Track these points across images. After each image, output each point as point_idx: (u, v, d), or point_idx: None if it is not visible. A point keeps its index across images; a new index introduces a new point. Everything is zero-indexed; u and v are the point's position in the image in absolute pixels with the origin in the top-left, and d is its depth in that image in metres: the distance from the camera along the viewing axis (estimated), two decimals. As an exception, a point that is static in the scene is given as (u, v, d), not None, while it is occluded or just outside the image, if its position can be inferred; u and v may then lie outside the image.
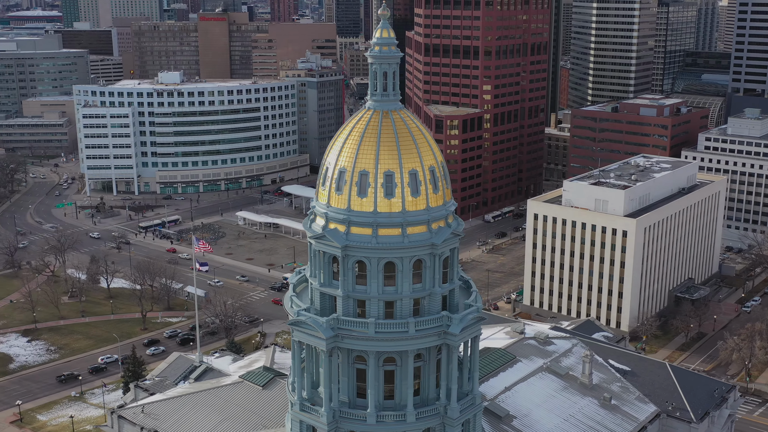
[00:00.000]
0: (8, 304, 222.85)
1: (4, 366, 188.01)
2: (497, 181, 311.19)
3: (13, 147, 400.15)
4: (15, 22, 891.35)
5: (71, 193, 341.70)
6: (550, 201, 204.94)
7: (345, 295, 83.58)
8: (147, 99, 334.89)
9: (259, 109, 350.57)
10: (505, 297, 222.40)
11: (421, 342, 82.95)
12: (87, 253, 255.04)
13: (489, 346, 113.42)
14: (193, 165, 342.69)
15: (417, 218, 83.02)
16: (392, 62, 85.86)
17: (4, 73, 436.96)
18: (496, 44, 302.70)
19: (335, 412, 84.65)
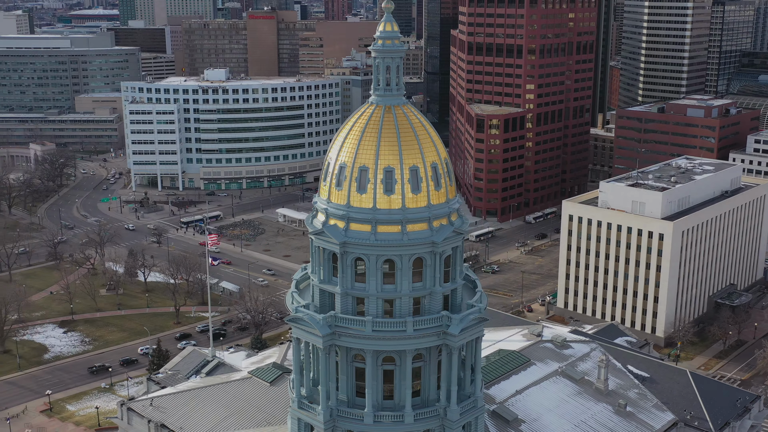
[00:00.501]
0: (48, 295, 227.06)
1: (39, 356, 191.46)
2: (539, 181, 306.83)
3: (65, 142, 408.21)
4: (76, 21, 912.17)
5: (118, 188, 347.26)
6: (586, 202, 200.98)
7: (343, 292, 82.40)
8: (192, 96, 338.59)
9: (303, 107, 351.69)
10: (540, 299, 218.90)
11: (420, 342, 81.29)
12: (127, 247, 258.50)
13: (504, 348, 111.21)
14: (236, 162, 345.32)
15: (417, 215, 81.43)
16: (396, 56, 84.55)
17: (58, 70, 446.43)
18: (540, 43, 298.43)
19: (333, 411, 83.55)
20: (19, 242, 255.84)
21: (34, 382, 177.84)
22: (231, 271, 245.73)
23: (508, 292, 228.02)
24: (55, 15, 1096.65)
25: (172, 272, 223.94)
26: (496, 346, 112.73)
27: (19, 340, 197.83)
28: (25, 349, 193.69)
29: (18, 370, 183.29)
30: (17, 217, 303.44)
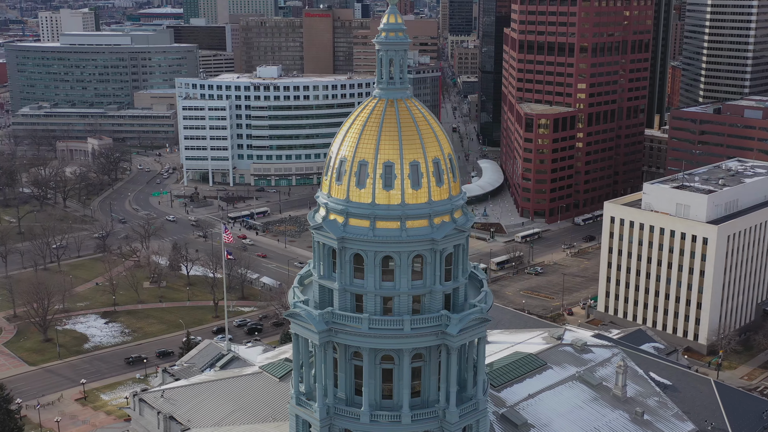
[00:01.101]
0: (93, 286, 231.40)
1: (79, 345, 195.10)
2: (590, 183, 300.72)
3: (123, 137, 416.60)
4: (144, 19, 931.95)
5: (170, 182, 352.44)
6: (628, 204, 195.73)
7: (342, 288, 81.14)
8: (244, 92, 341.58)
9: (353, 104, 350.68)
10: (581, 302, 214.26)
11: (417, 341, 79.51)
12: (172, 240, 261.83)
13: (521, 350, 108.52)
14: (286, 158, 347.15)
15: (417, 212, 79.67)
16: (399, 49, 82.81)
17: (119, 66, 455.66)
18: (593, 41, 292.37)
19: (330, 409, 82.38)
20: (68, 234, 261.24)
21: (72, 371, 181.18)
22: (273, 267, 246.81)
23: (550, 294, 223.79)
24: (126, 14, 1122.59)
25: (212, 266, 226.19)
26: (514, 348, 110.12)
27: (61, 329, 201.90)
28: (66, 339, 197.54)
29: (58, 359, 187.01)
30: (71, 209, 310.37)
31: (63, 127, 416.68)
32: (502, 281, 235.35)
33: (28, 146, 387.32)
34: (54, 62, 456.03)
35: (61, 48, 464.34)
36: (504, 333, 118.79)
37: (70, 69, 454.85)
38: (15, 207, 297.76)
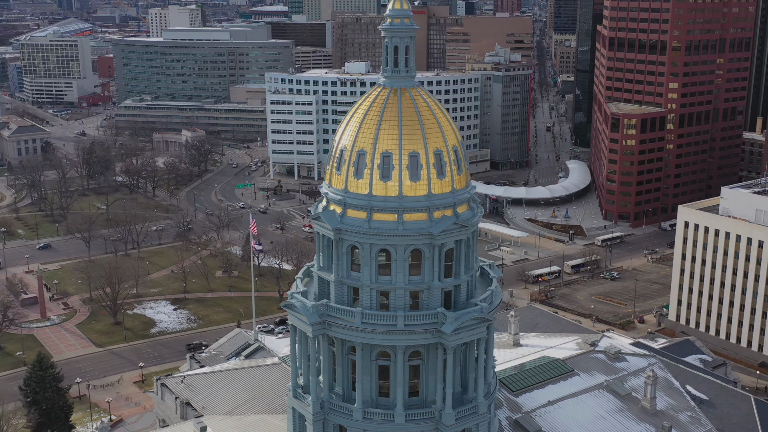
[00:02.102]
0: (169, 273, 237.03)
1: (146, 330, 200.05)
2: (680, 187, 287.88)
3: (218, 130, 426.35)
4: (256, 17, 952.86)
5: (258, 175, 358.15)
6: (705, 209, 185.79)
7: (338, 280, 79.38)
8: (331, 88, 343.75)
9: (440, 102, 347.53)
10: (654, 310, 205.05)
11: (411, 338, 76.97)
12: (245, 232, 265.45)
13: (549, 355, 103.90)
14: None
15: (415, 204, 77.09)
16: (404, 36, 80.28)
17: (217, 61, 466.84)
18: (687, 39, 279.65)
19: (324, 403, 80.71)
20: (151, 222, 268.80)
21: (135, 354, 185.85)
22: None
23: (624, 300, 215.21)
24: (239, 11, 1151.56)
25: (278, 258, 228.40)
26: (543, 352, 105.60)
27: (131, 313, 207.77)
28: (135, 323, 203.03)
29: (123, 342, 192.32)
30: (159, 198, 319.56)
31: (162, 119, 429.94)
32: (574, 285, 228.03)
33: (128, 137, 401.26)
34: (156, 56, 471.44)
35: (163, 43, 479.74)
36: (538, 336, 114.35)
37: (171, 63, 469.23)
38: (107, 194, 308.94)
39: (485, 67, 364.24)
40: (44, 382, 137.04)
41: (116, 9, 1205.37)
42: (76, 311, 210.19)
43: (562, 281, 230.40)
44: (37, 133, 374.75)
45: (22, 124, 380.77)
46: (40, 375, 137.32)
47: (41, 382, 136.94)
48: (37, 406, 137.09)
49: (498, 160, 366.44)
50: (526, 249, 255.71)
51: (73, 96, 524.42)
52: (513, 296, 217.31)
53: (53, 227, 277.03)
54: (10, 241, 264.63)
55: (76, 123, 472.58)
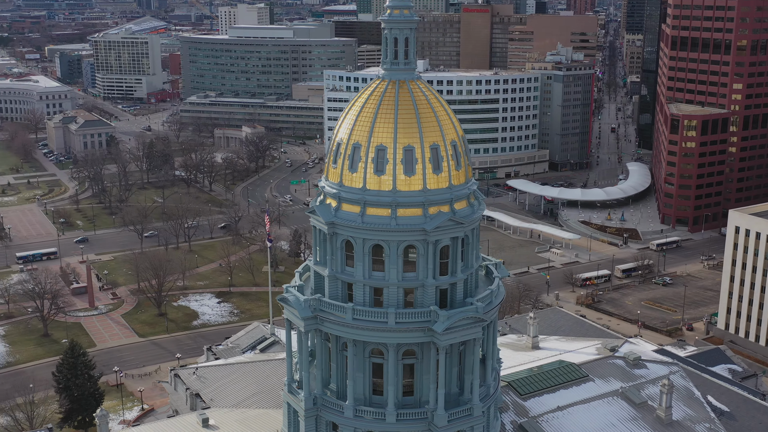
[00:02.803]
0: (216, 267, 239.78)
1: (188, 321, 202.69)
2: (743, 191, 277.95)
3: (279, 127, 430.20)
4: (327, 16, 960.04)
5: (314, 172, 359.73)
6: (758, 214, 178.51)
7: (331, 275, 78.27)
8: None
9: (497, 101, 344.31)
10: (705, 318, 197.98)
11: (402, 336, 75.31)
12: (297, 227, 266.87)
13: (565, 359, 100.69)
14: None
15: (409, 199, 75.36)
16: (404, 27, 78.82)
17: (280, 59, 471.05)
18: (753, 38, 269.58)
19: (317, 399, 79.68)
20: (204, 216, 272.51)
21: (176, 345, 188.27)
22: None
23: (674, 307, 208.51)
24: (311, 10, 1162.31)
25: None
26: (560, 356, 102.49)
27: (176, 305, 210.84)
28: (178, 314, 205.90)
29: (165, 333, 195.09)
30: (215, 193, 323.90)
31: (225, 115, 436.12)
32: (624, 290, 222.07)
33: (191, 132, 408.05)
34: (222, 54, 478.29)
35: (228, 40, 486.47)
36: (559, 340, 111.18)
37: (235, 60, 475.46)
38: (165, 188, 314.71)
39: (546, 67, 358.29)
40: (76, 369, 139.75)
41: (192, 8, 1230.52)
42: (123, 301, 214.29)
43: (612, 285, 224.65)
44: (102, 127, 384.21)
45: (89, 119, 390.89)
46: (72, 362, 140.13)
47: (73, 369, 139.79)
48: (68, 392, 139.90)
49: (557, 161, 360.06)
50: (577, 251, 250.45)
51: (143, 92, 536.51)
52: (559, 299, 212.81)
53: (110, 219, 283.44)
54: (68, 232, 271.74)
55: (143, 118, 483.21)
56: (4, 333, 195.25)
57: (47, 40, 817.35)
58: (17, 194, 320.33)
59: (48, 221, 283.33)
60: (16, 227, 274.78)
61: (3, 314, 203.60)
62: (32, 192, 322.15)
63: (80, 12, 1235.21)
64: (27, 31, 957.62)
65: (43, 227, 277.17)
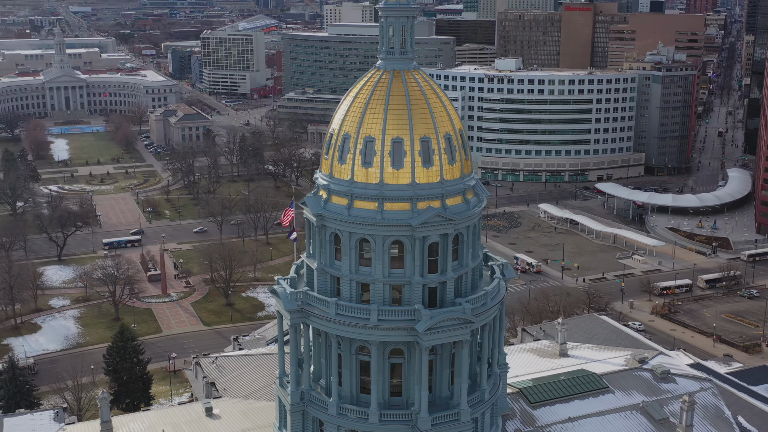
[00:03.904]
0: (290, 260, 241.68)
1: (254, 312, 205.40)
2: None
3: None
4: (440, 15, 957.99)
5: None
6: None
7: (320, 268, 76.76)
8: (478, 84, 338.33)
9: (591, 101, 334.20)
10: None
11: (385, 334, 73.03)
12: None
13: (588, 369, 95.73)
14: (515, 153, 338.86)
15: (396, 193, 72.98)
16: (400, 15, 76.41)
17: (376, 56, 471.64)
18: None
19: (305, 395, 78.32)
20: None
21: (238, 333, 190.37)
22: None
23: (756, 321, 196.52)
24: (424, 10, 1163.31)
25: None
26: (583, 365, 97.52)
27: (244, 296, 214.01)
28: (245, 305, 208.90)
29: (230, 322, 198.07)
30: (301, 188, 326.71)
31: (320, 112, 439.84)
32: (705, 301, 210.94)
33: (287, 128, 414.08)
34: (321, 51, 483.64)
35: (327, 38, 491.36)
36: (590, 348, 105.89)
37: (334, 57, 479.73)
38: (252, 181, 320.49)
39: (644, 66, 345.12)
40: (124, 353, 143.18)
41: (307, 7, 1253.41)
42: (195, 290, 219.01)
43: (692, 296, 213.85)
44: (200, 120, 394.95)
45: (188, 112, 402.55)
46: (121, 346, 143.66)
47: (121, 353, 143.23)
48: (117, 375, 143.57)
49: (654, 165, 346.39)
50: (660, 259, 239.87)
51: (246, 88, 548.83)
52: (633, 308, 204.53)
53: (196, 210, 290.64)
54: (155, 220, 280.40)
55: (243, 113, 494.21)
56: (79, 315, 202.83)
57: (165, 37, 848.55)
58: (114, 183, 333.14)
59: (138, 210, 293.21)
60: (108, 214, 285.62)
61: (81, 297, 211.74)
62: (128, 181, 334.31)
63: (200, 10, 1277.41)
64: (148, 28, 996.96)
65: (133, 215, 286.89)
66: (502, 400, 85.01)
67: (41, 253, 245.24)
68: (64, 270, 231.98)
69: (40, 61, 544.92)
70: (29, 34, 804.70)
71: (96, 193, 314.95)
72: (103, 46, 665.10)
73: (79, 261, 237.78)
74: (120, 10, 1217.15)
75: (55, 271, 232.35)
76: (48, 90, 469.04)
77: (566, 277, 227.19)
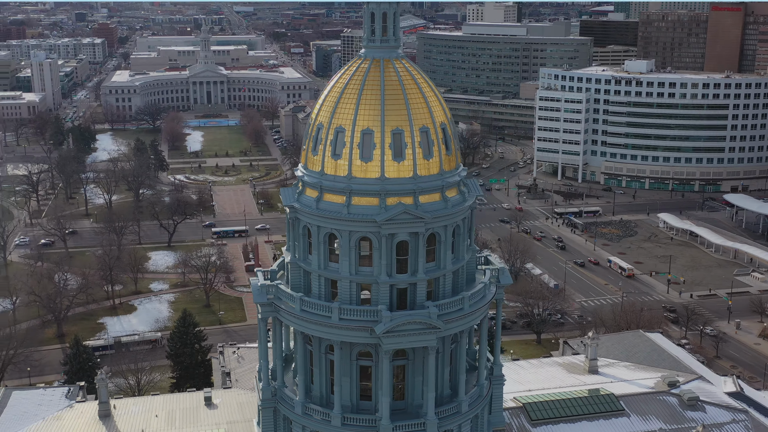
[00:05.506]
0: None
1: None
2: None
3: (501, 125, 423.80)
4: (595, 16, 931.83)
5: (522, 172, 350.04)
6: None
7: (293, 262, 74.65)
8: (604, 86, 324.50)
9: (728, 107, 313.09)
10: None
11: (346, 334, 69.94)
12: (493, 230, 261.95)
13: (610, 388, 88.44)
14: (641, 159, 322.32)
15: (364, 187, 69.66)
16: (382, 1, 72.17)
17: (511, 57, 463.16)
18: None
19: (277, 391, 76.31)
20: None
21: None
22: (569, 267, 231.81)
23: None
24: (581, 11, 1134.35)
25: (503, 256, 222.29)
26: (605, 385, 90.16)
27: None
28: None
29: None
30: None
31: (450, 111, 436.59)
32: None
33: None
34: (454, 50, 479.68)
35: (461, 37, 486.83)
36: (625, 367, 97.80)
37: (467, 57, 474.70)
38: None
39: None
40: (186, 339, 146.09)
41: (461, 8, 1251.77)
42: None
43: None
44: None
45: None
46: (183, 331, 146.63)
47: (183, 339, 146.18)
48: (178, 360, 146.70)
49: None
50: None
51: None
52: (740, 329, 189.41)
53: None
54: (266, 213, 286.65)
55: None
56: (173, 299, 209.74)
57: (317, 36, 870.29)
58: (237, 175, 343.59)
59: (253, 201, 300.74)
60: (222, 205, 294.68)
61: (179, 282, 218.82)
62: (251, 174, 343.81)
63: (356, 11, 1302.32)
64: (302, 27, 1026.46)
65: (247, 207, 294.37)
66: (498, 414, 79.82)
67: (154, 239, 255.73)
68: (170, 256, 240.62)
69: (191, 57, 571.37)
70: (189, 32, 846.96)
71: (218, 183, 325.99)
72: (253, 44, 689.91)
73: (187, 248, 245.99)
74: (279, 9, 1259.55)
75: (162, 256, 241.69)
76: (191, 84, 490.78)
77: (672, 291, 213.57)
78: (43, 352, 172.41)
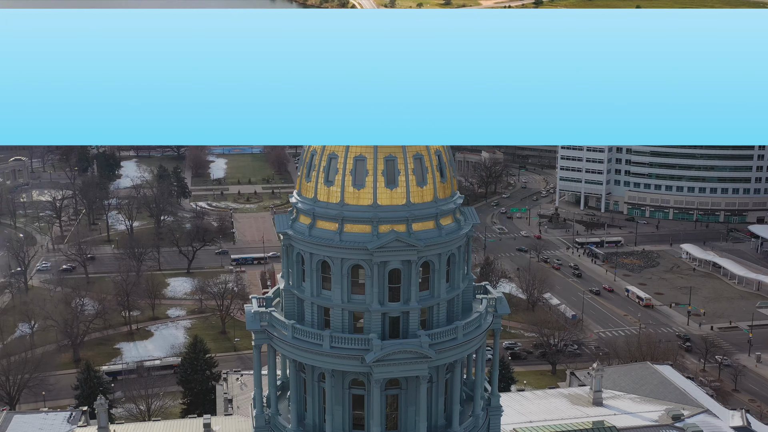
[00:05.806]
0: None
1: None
2: None
3: (525, 154, 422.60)
4: None
5: (545, 201, 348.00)
6: None
7: (287, 289, 74.47)
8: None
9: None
10: None
11: (337, 362, 69.37)
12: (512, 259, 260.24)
13: (612, 421, 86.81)
14: (666, 189, 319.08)
15: (357, 214, 69.40)
16: (376, 29, 72.37)
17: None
18: None
19: (270, 419, 75.71)
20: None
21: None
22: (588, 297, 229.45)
23: None
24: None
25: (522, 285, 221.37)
26: (610, 417, 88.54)
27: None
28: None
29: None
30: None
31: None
32: None
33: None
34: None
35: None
36: (630, 399, 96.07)
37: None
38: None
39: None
40: (196, 366, 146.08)
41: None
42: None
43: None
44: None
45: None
46: (194, 358, 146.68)
47: (193, 365, 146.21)
48: (189, 386, 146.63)
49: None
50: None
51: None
52: (760, 362, 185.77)
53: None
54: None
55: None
56: (189, 326, 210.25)
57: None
58: (259, 202, 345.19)
59: (273, 229, 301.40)
60: (243, 232, 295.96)
61: (196, 309, 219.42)
62: (272, 201, 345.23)
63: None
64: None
65: (267, 234, 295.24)
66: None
67: (174, 265, 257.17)
68: (189, 282, 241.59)
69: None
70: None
71: (239, 210, 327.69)
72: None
73: (205, 275, 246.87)
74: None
75: (180, 282, 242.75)
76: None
77: (692, 322, 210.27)
78: (59, 376, 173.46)
